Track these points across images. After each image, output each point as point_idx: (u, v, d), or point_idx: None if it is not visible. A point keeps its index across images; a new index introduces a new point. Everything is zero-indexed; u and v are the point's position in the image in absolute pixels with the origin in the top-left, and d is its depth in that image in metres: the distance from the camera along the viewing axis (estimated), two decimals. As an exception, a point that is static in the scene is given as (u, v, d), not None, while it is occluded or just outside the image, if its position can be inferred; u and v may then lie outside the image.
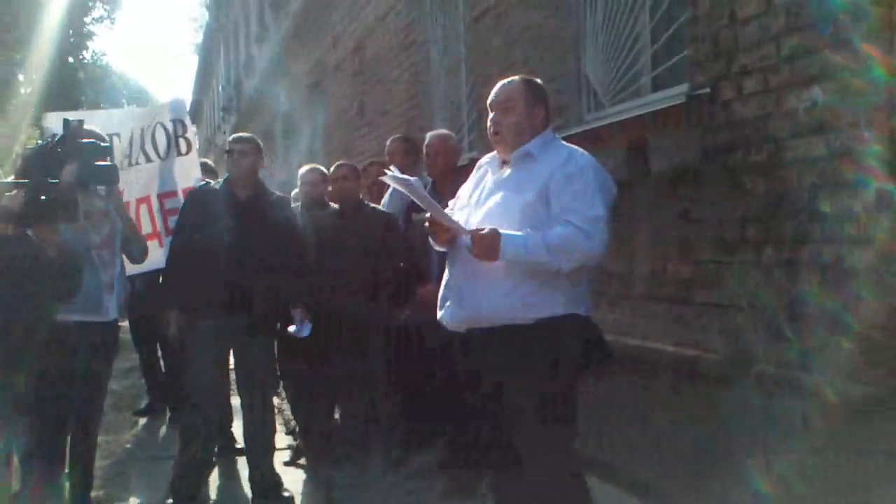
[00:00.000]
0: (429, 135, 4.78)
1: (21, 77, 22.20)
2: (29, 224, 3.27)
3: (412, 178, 3.15)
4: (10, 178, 3.67)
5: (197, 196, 4.54)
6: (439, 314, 3.03)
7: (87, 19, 24.04)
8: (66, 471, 3.87)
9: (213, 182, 4.57)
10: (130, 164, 5.56)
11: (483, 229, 2.77)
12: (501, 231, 2.74)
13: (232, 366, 4.67)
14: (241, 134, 4.93)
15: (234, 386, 4.88)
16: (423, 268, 4.61)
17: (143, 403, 6.99)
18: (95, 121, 5.77)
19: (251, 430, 4.54)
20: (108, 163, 3.80)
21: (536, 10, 4.98)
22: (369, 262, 4.91)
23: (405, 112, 7.66)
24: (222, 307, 4.23)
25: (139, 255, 4.20)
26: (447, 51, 7.05)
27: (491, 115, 3.06)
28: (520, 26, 5.21)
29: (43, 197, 3.23)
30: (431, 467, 4.78)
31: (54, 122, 5.47)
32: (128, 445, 5.90)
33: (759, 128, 3.17)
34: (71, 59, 23.36)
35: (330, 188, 5.27)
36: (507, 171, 2.99)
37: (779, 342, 3.10)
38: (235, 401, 4.83)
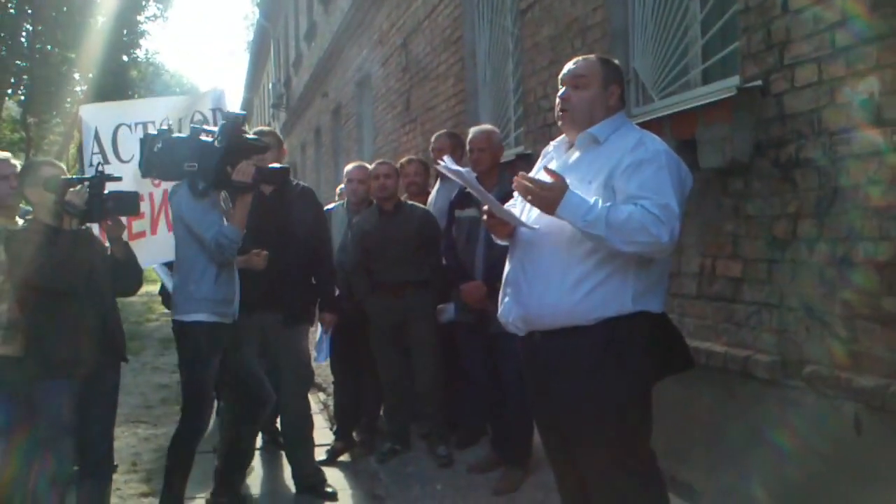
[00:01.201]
0: (472, 130, 4.74)
1: (77, 76, 22.74)
2: (93, 219, 3.35)
3: (464, 169, 3.04)
4: (72, 174, 3.74)
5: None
6: (499, 312, 2.87)
7: (141, 17, 24.44)
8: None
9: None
10: None
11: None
12: (570, 189, 2.53)
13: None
14: (262, 128, 4.90)
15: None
16: (467, 265, 4.57)
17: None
18: (128, 111, 5.87)
19: (289, 424, 4.56)
20: (281, 165, 3.85)
21: (584, 1, 4.90)
22: (408, 260, 4.91)
23: (451, 108, 7.63)
24: (256, 301, 4.23)
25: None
26: (494, 45, 7.00)
27: (561, 90, 2.80)
28: (567, 19, 5.14)
29: (106, 192, 3.30)
30: (477, 465, 4.76)
31: (90, 114, 5.58)
32: (176, 439, 5.96)
33: (813, 121, 3.07)
34: (125, 58, 23.79)
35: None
36: (573, 156, 2.77)
37: (832, 343, 3.00)
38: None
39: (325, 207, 5.65)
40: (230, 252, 3.72)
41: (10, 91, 22.66)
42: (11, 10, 20.52)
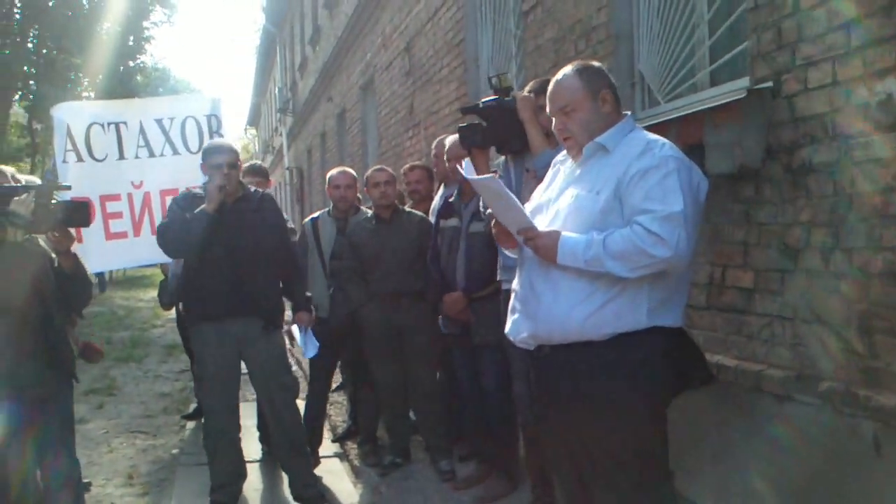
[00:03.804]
0: (448, 140, 4.63)
1: (86, 81, 22.76)
2: (39, 230, 3.18)
3: (489, 175, 2.81)
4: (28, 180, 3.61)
5: (182, 202, 4.28)
6: (506, 327, 2.76)
7: (147, 23, 24.44)
8: None
9: (197, 188, 4.38)
10: (152, 155, 5.57)
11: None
12: (562, 233, 2.48)
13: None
14: (223, 144, 4.72)
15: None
16: (448, 276, 4.45)
17: (192, 407, 6.96)
18: (102, 110, 5.82)
19: (277, 434, 4.45)
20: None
21: (587, 2, 4.77)
22: (405, 269, 4.79)
23: (454, 112, 7.50)
24: (232, 309, 4.17)
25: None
26: (497, 47, 6.88)
27: (554, 122, 2.75)
28: (570, 20, 5.01)
29: (53, 201, 3.14)
30: (464, 481, 4.65)
31: (63, 111, 5.52)
32: (174, 451, 5.86)
33: (827, 124, 2.92)
34: (131, 63, 23.81)
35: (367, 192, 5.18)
36: (581, 168, 2.68)
37: (849, 358, 2.84)
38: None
39: (309, 217, 5.56)
40: None
41: (17, 97, 22.72)
42: (17, 16, 20.53)
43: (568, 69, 2.75)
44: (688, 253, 2.43)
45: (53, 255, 3.34)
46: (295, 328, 4.78)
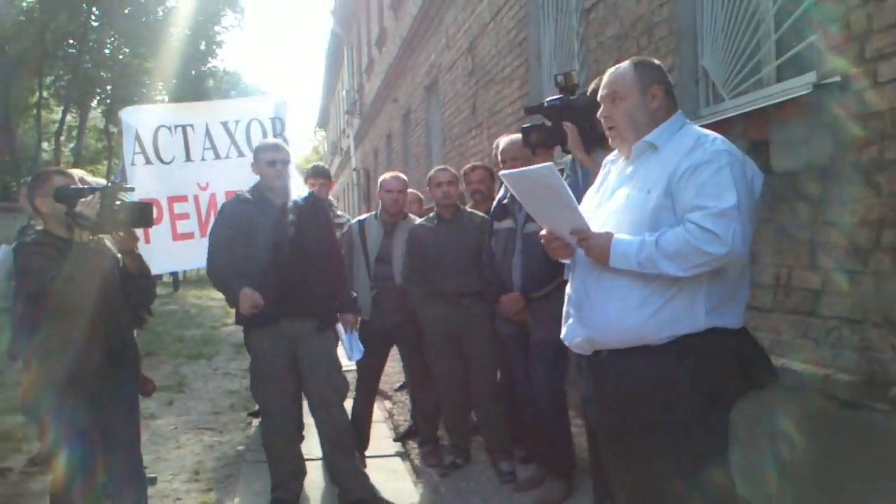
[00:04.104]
0: (502, 140, 4.58)
1: (160, 85, 23.41)
2: (104, 231, 3.24)
3: (545, 165, 2.71)
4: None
5: (227, 217, 4.34)
6: (562, 332, 2.72)
7: (217, 28, 24.99)
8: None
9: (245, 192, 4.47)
10: (218, 157, 5.68)
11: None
12: (615, 234, 2.44)
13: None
14: (276, 142, 4.78)
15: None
16: (504, 277, 4.44)
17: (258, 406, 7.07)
18: (168, 114, 5.94)
19: (329, 437, 4.45)
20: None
21: (650, -2, 4.70)
22: (466, 270, 4.80)
23: (516, 111, 7.47)
24: (285, 310, 4.20)
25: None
26: (559, 45, 6.82)
27: (601, 109, 2.71)
28: (632, 17, 4.93)
29: (118, 203, 3.20)
30: (524, 483, 4.62)
31: (131, 116, 5.66)
32: (240, 447, 5.96)
33: (898, 119, 2.81)
34: (203, 67, 24.37)
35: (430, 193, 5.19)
36: (630, 167, 2.63)
37: (922, 363, 2.73)
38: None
39: (357, 218, 5.59)
40: None
41: (95, 102, 23.50)
42: (94, 23, 21.23)
43: (627, 61, 2.72)
44: (744, 248, 2.36)
45: (119, 256, 3.42)
46: (340, 330, 4.80)
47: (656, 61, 2.77)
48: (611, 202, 2.62)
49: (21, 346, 3.88)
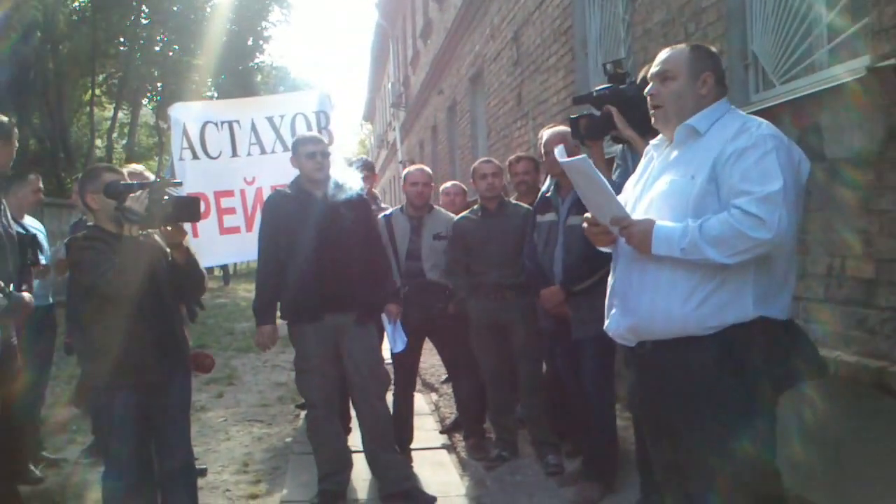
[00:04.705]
0: (546, 132, 4.52)
1: (209, 81, 23.72)
2: (153, 225, 3.29)
3: (580, 157, 2.62)
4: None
5: (268, 217, 4.39)
6: (605, 323, 2.69)
7: (265, 23, 25.22)
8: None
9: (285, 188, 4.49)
10: (263, 152, 5.73)
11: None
12: (657, 221, 2.40)
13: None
14: (314, 134, 4.79)
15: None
16: (546, 270, 4.40)
17: (308, 397, 7.13)
18: (215, 109, 5.99)
19: (371, 428, 4.46)
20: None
21: (698, -17, 4.60)
22: (510, 262, 4.77)
23: (562, 101, 7.40)
24: (328, 304, 4.21)
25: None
26: (605, 33, 6.73)
27: (649, 86, 2.66)
28: (679, 2, 4.85)
29: (166, 197, 3.24)
30: (568, 477, 4.58)
31: (179, 111, 5.73)
32: (288, 439, 6.02)
33: (957, 103, 2.71)
34: (250, 63, 24.63)
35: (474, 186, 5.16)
36: (674, 153, 2.59)
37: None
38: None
39: (384, 212, 5.57)
40: None
41: (146, 98, 23.91)
42: (145, 21, 21.59)
43: (682, 44, 2.67)
44: (790, 234, 2.31)
45: (168, 249, 3.47)
46: (384, 320, 4.80)
47: (714, 49, 2.72)
48: (654, 189, 2.58)
49: (76, 340, 3.97)
